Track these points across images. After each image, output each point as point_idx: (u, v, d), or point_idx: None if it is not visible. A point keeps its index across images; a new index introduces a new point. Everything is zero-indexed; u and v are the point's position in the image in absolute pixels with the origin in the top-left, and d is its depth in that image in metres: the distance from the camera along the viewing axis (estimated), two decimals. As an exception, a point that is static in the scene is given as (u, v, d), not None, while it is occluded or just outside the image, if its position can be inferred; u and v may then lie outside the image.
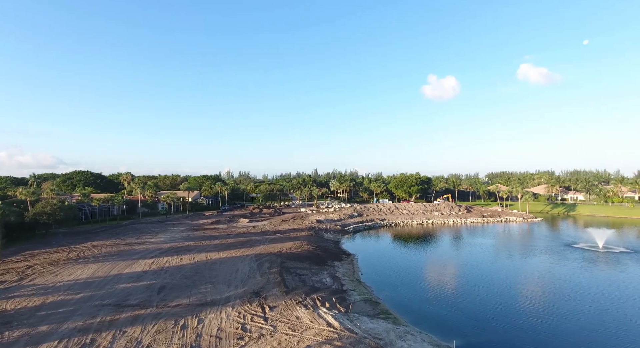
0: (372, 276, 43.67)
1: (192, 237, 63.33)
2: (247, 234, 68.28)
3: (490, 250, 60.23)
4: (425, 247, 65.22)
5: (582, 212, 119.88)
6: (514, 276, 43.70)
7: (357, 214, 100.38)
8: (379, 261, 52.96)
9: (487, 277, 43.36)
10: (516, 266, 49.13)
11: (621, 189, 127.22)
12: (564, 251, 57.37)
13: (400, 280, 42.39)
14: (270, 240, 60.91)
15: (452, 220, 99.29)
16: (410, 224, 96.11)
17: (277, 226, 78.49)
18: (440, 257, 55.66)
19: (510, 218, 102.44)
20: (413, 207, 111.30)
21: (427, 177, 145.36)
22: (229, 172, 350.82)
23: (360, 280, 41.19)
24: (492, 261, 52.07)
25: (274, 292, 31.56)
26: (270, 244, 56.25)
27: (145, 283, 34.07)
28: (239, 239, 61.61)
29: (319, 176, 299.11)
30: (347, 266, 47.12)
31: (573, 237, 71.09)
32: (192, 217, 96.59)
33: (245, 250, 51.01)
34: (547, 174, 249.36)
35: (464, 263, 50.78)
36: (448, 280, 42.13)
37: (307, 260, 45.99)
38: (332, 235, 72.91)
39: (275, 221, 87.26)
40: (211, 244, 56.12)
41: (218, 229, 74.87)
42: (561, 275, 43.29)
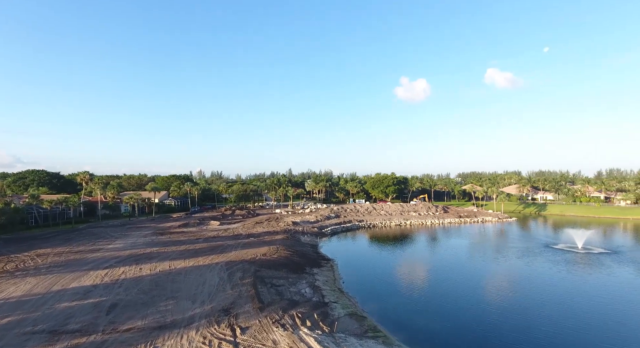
0: (355, 284, 40.31)
1: (156, 242, 57.67)
2: (218, 238, 63.28)
3: (472, 252, 58.53)
4: (407, 250, 62.81)
5: (553, 212, 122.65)
6: (504, 281, 41.67)
7: (334, 216, 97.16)
8: (360, 267, 49.75)
9: (475, 283, 41.07)
10: (503, 269, 47.33)
11: (588, 189, 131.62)
12: (545, 252, 56.48)
13: (385, 288, 39.29)
14: (243, 244, 56.35)
15: (430, 221, 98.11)
16: (388, 225, 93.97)
17: (251, 229, 73.82)
18: (423, 261, 53.23)
19: (486, 218, 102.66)
20: (390, 208, 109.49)
21: (404, 177, 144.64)
22: (200, 172, 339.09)
23: (343, 289, 37.68)
24: (477, 265, 50.11)
25: (247, 309, 27.44)
26: (243, 249, 51.77)
27: (93, 301, 28.92)
28: (208, 244, 56.61)
29: (294, 176, 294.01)
30: (328, 274, 43.53)
31: (551, 238, 71.07)
32: (159, 220, 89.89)
33: (215, 256, 46.29)
34: (515, 174, 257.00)
35: (448, 268, 48.48)
36: (434, 287, 39.41)
37: (284, 268, 41.98)
38: (309, 238, 69.13)
39: (249, 224, 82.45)
40: (177, 250, 50.90)
41: (186, 233, 69.29)
42: (550, 280, 41.64)
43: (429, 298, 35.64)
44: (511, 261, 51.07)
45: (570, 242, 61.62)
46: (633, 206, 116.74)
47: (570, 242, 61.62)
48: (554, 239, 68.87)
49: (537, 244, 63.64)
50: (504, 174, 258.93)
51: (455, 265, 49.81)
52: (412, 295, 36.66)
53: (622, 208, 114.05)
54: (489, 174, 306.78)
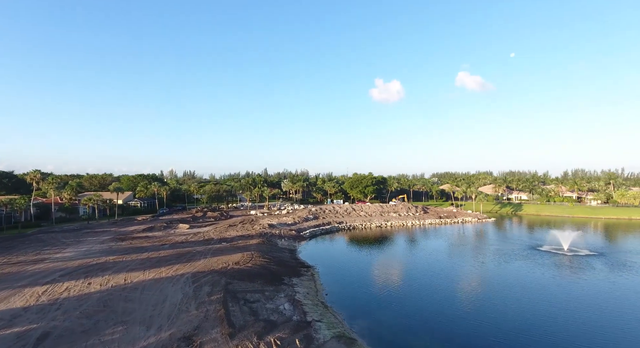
0: (339, 295, 36.19)
1: (114, 250, 51.26)
2: (186, 244, 57.50)
3: (458, 256, 55.86)
4: (390, 254, 59.40)
5: (528, 211, 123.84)
6: (499, 290, 38.68)
7: (312, 217, 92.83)
8: (343, 274, 45.67)
9: (468, 291, 37.93)
10: (494, 275, 44.53)
11: (561, 189, 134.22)
12: (532, 255, 54.61)
13: (373, 300, 35.34)
14: (214, 251, 50.99)
15: (410, 222, 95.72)
16: (368, 226, 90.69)
17: (223, 233, 68.27)
18: (408, 266, 49.84)
19: (466, 219, 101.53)
20: (370, 208, 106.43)
21: (383, 177, 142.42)
22: (172, 171, 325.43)
23: (326, 303, 33.41)
24: (466, 270, 47.23)
25: (214, 335, 22.66)
26: (214, 257, 46.51)
27: (17, 330, 23.18)
28: (174, 251, 50.85)
29: (270, 175, 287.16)
30: (308, 284, 39.15)
31: (535, 239, 69.82)
32: (121, 223, 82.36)
33: (180, 266, 40.84)
34: (487, 174, 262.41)
35: (434, 274, 45.21)
36: (425, 298, 35.86)
37: (260, 278, 37.21)
38: (286, 242, 64.46)
39: (221, 227, 76.70)
40: (137, 259, 44.94)
41: (150, 238, 62.88)
42: (545, 286, 39.18)
43: (421, 310, 32.01)
44: (501, 266, 48.54)
45: (555, 244, 60.26)
46: (603, 206, 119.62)
47: (555, 244, 60.26)
48: (538, 240, 67.63)
49: (522, 246, 61.94)
50: (477, 174, 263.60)
51: (442, 270, 46.72)
52: (404, 309, 32.86)
53: (594, 208, 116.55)
54: (462, 174, 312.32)
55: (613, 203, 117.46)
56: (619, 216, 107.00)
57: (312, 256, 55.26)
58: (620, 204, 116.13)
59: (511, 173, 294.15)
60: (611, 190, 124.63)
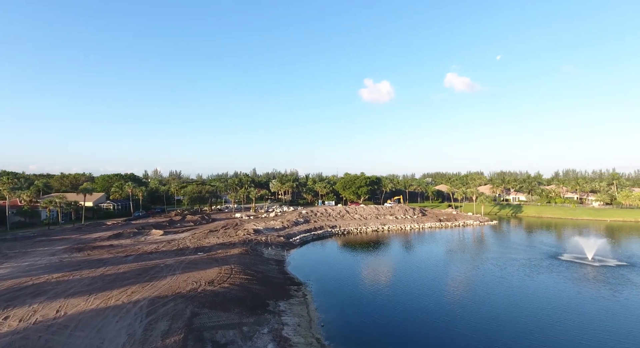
0: (340, 326, 28.50)
1: (64, 264, 42.49)
2: (155, 254, 49.00)
3: (474, 268, 48.69)
4: (394, 264, 51.84)
5: (529, 213, 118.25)
6: (532, 311, 31.44)
7: (303, 221, 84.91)
8: (341, 293, 37.94)
9: (503, 317, 30.55)
10: (521, 293, 37.36)
11: (562, 189, 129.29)
12: (555, 266, 47.88)
13: (384, 331, 27.67)
14: (186, 264, 42.67)
15: (409, 225, 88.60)
16: (364, 231, 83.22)
17: (202, 240, 59.87)
18: (417, 282, 42.28)
19: (467, 222, 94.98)
20: (365, 211, 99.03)
21: (377, 177, 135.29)
22: (156, 171, 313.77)
23: (323, 340, 25.59)
24: (491, 288, 39.91)
25: None
26: (185, 273, 38.26)
27: None
28: (138, 265, 42.35)
29: (258, 176, 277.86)
30: (299, 309, 31.29)
31: (552, 246, 63.23)
32: (87, 228, 72.98)
33: (138, 288, 32.48)
34: (478, 174, 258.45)
35: (453, 292, 37.92)
36: (451, 324, 28.37)
37: (237, 305, 29.18)
38: (274, 250, 56.43)
39: (200, 233, 68.20)
40: (88, 277, 36.38)
41: (114, 247, 54.13)
42: (581, 305, 32.19)
43: (450, 342, 24.55)
44: (525, 283, 41.38)
45: (577, 252, 53.67)
46: (606, 207, 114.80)
47: (577, 252, 53.67)
48: (555, 247, 61.16)
49: (540, 255, 55.27)
50: (470, 174, 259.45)
51: (461, 286, 39.46)
52: (424, 336, 25.32)
53: (597, 210, 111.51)
54: (453, 174, 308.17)
55: (617, 205, 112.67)
56: (624, 218, 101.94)
57: (304, 269, 47.41)
58: (624, 206, 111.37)
59: (502, 173, 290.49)
60: (614, 191, 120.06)
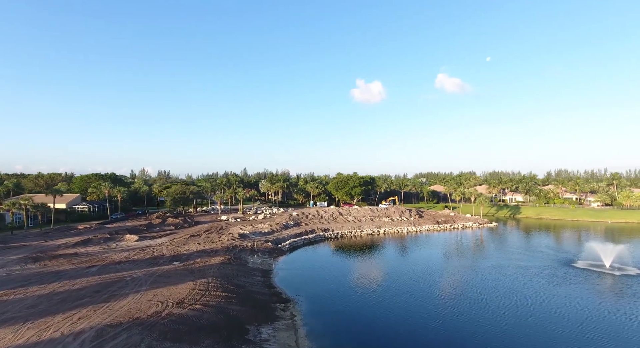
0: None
1: (11, 279, 36.30)
2: (124, 265, 43.02)
3: (485, 279, 43.67)
4: (394, 272, 46.57)
5: (528, 214, 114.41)
6: (560, 335, 26.48)
7: (293, 224, 79.29)
8: (336, 311, 32.53)
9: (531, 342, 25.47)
10: (539, 310, 32.42)
11: (561, 190, 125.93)
12: (571, 275, 43.24)
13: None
14: (157, 277, 36.86)
15: (405, 228, 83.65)
16: (359, 234, 77.96)
17: (180, 247, 53.93)
18: (424, 295, 37.12)
19: (466, 224, 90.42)
20: (359, 212, 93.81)
21: (371, 177, 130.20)
22: (144, 171, 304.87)
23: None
24: (507, 302, 34.88)
25: None
26: (152, 289, 32.47)
27: None
28: (99, 279, 36.38)
29: (249, 176, 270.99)
30: (286, 338, 25.78)
31: (563, 251, 58.77)
32: (54, 233, 66.24)
33: (88, 311, 26.56)
34: (470, 174, 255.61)
35: (467, 308, 32.77)
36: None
37: (209, 334, 23.54)
38: (260, 258, 50.74)
39: (180, 238, 62.19)
40: (32, 296, 30.31)
41: (79, 256, 47.91)
42: (613, 323, 27.31)
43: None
44: (541, 296, 36.53)
45: (591, 258, 49.16)
46: (606, 208, 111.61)
47: (591, 258, 49.16)
48: (567, 253, 56.73)
49: (551, 261, 50.67)
50: (463, 174, 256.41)
51: (475, 301, 34.35)
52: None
53: (598, 211, 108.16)
54: (445, 174, 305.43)
55: (617, 206, 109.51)
56: (627, 219, 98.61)
57: (293, 280, 41.94)
58: (624, 207, 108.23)
59: (496, 173, 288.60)
60: (613, 191, 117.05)
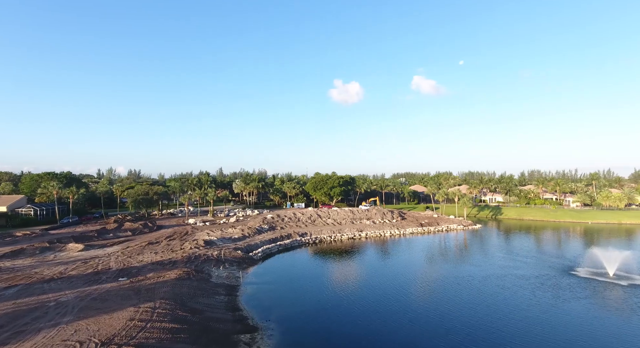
0: None
1: None
2: (54, 283, 35.13)
3: (479, 291, 38.61)
4: (377, 282, 40.67)
5: (509, 215, 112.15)
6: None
7: (267, 228, 72.37)
8: (318, 344, 26.17)
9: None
10: (551, 331, 27.33)
11: (541, 190, 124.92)
12: (575, 286, 38.90)
13: None
14: (89, 301, 29.40)
15: (388, 231, 78.44)
16: (339, 239, 72.01)
17: (133, 258, 46.10)
18: (420, 313, 31.37)
19: (450, 226, 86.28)
20: (339, 214, 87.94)
21: (351, 177, 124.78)
22: (111, 170, 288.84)
23: None
24: (515, 322, 29.63)
25: None
26: (76, 320, 25.15)
27: None
28: (12, 305, 28.59)
29: (225, 175, 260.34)
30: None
31: (559, 257, 54.72)
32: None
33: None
34: (448, 174, 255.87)
35: (471, 332, 27.24)
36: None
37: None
38: (226, 270, 43.69)
39: (136, 246, 54.14)
40: None
41: (1, 272, 39.34)
42: None
43: None
44: (550, 314, 31.68)
45: (593, 266, 45.21)
46: (586, 209, 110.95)
47: (593, 266, 45.21)
48: (564, 259, 52.86)
49: (550, 269, 46.40)
50: (441, 174, 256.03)
51: (473, 322, 28.91)
52: None
53: (579, 211, 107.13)
54: (423, 174, 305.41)
55: (597, 206, 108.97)
56: (607, 220, 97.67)
57: (264, 298, 35.35)
58: (604, 207, 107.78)
59: (471, 174, 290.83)
60: (592, 192, 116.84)
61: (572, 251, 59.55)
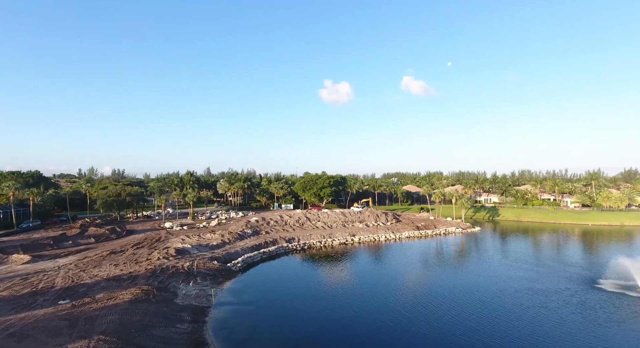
0: None
1: None
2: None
3: (494, 311, 32.72)
4: (375, 301, 34.39)
5: (507, 216, 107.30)
6: None
7: (251, 233, 65.54)
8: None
9: None
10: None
11: (539, 190, 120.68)
12: (606, 304, 33.27)
13: None
14: (4, 338, 22.29)
15: (383, 235, 72.34)
16: (330, 244, 65.58)
17: (87, 271, 38.88)
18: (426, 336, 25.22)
19: (449, 229, 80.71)
20: (330, 217, 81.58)
21: (342, 177, 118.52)
22: (92, 170, 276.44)
23: None
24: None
25: None
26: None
27: None
28: None
29: (212, 175, 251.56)
30: None
31: (573, 265, 49.25)
32: None
33: None
34: (439, 174, 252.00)
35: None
36: None
37: None
38: (196, 287, 36.81)
39: (95, 256, 46.81)
40: None
41: None
42: None
43: None
44: (583, 341, 25.90)
45: (616, 276, 39.90)
46: (585, 210, 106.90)
47: (616, 276, 39.90)
48: (580, 268, 47.42)
49: (568, 281, 40.86)
50: (434, 174, 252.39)
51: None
52: None
53: (578, 213, 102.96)
54: (414, 174, 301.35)
55: (597, 207, 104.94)
56: (610, 222, 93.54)
57: (238, 327, 28.64)
58: (604, 208, 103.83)
59: (461, 173, 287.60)
60: (591, 192, 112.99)
61: (586, 258, 54.40)
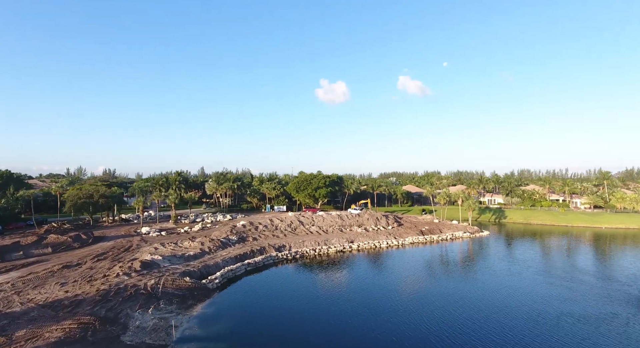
0: None
1: None
2: None
3: (529, 344, 25.51)
4: (388, 330, 27.09)
5: (514, 219, 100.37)
6: None
7: (236, 239, 57.95)
8: None
9: None
10: None
11: (547, 191, 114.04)
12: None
13: None
14: None
15: (384, 241, 64.99)
16: (325, 252, 58.15)
17: (22, 294, 31.19)
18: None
19: (455, 234, 73.55)
20: (325, 220, 74.14)
21: (338, 176, 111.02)
22: (80, 169, 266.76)
23: None
24: None
25: None
26: None
27: None
28: None
29: (206, 175, 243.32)
30: None
31: (611, 279, 42.21)
32: None
33: None
34: (436, 174, 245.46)
35: None
36: None
37: None
38: (156, 315, 29.16)
39: (42, 272, 39.02)
40: None
41: None
42: None
43: None
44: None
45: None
46: (597, 211, 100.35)
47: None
48: (620, 284, 40.41)
49: (612, 301, 33.90)
50: (433, 173, 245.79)
51: None
52: None
53: (591, 215, 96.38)
54: (411, 174, 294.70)
55: (610, 208, 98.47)
56: (627, 225, 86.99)
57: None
58: (618, 210, 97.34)
59: (460, 173, 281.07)
60: (603, 192, 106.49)
61: (619, 269, 47.37)
